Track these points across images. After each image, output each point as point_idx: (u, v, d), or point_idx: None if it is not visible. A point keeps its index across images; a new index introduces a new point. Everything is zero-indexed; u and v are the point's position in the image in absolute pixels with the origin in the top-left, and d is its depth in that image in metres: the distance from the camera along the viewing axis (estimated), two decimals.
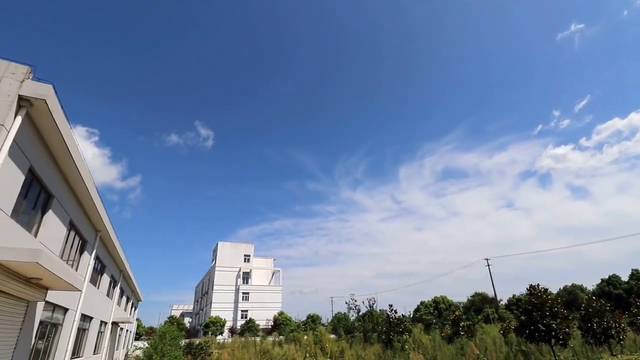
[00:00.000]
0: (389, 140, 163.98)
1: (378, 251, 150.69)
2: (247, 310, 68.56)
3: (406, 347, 19.04)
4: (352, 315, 32.39)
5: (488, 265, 51.28)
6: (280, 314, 60.69)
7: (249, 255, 76.32)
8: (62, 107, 7.38)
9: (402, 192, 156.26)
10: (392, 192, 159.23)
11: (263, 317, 63.28)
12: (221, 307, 67.81)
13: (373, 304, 30.42)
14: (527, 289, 16.13)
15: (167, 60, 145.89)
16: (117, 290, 22.29)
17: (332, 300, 71.07)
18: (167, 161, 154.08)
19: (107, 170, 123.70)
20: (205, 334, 54.08)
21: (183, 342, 21.68)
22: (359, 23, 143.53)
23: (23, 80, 6.52)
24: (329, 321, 42.93)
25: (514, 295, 58.59)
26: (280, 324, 55.83)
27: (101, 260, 16.47)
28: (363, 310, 31.50)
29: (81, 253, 12.98)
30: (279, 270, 78.41)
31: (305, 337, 25.42)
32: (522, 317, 15.61)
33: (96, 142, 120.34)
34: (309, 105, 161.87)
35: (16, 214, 7.19)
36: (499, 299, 55.96)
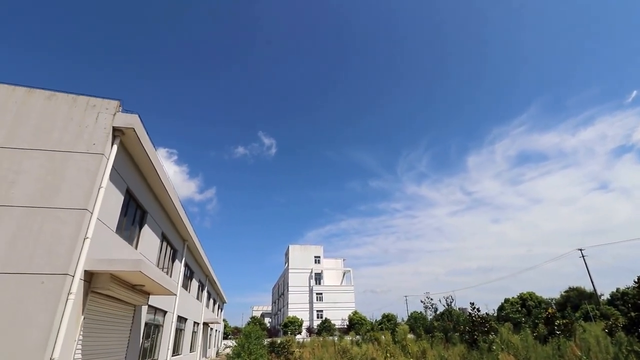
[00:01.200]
0: (452, 129, 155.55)
1: (451, 246, 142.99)
2: (322, 311, 69.88)
3: (494, 347, 17.77)
4: (430, 315, 31.21)
5: (582, 256, 45.62)
6: (355, 313, 60.76)
7: (319, 257, 77.81)
8: (147, 133, 8.33)
9: (472, 183, 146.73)
10: (461, 183, 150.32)
11: (338, 317, 63.93)
12: (297, 307, 70.09)
13: (451, 302, 29.07)
14: (634, 281, 14.11)
15: (228, 77, 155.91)
16: (205, 293, 24.33)
17: (406, 299, 69.39)
18: (237, 172, 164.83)
19: (187, 185, 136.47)
20: (284, 333, 56.41)
21: (266, 341, 22.81)
22: (421, 9, 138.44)
23: (115, 114, 7.48)
24: (405, 320, 41.83)
25: (617, 289, 51.18)
26: (355, 323, 55.90)
27: (190, 266, 18.14)
28: (440, 308, 30.25)
29: (173, 261, 14.45)
30: (350, 270, 78.64)
31: (383, 336, 25.08)
32: (632, 314, 13.64)
33: (175, 160, 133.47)
34: (365, 104, 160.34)
35: (120, 230, 8.27)
36: (599, 293, 49.36)
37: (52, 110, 7.25)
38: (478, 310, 21.28)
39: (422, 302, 31.86)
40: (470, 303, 21.73)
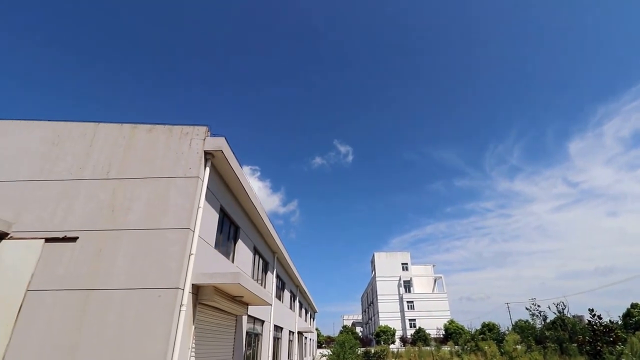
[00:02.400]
0: (546, 114, 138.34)
1: (557, 246, 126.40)
2: (414, 319, 66.98)
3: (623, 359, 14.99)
4: (539, 323, 27.67)
5: None
6: (451, 322, 56.92)
7: (407, 264, 75.11)
8: (234, 153, 8.90)
9: (577, 172, 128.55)
10: (563, 173, 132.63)
11: (432, 326, 60.54)
12: (388, 316, 68.31)
13: (563, 309, 25.48)
14: None
15: (300, 90, 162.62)
16: (297, 303, 25.10)
17: (508, 307, 62.46)
18: (316, 182, 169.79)
19: (271, 199, 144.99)
20: (377, 342, 55.26)
21: (359, 350, 22.50)
22: None
23: (205, 139, 8.12)
24: (510, 330, 37.66)
25: None
26: (452, 333, 52.36)
27: (281, 278, 18.90)
28: (550, 316, 26.65)
29: (265, 273, 15.17)
30: (441, 277, 74.20)
31: (488, 347, 22.85)
32: None
33: (259, 176, 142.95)
34: (444, 100, 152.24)
35: (218, 245, 8.91)
36: None
37: (153, 141, 8.18)
38: (599, 317, 18.28)
39: (527, 309, 28.43)
40: (589, 310, 18.82)
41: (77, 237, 6.83)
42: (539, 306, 27.73)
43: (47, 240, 6.79)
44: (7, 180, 7.70)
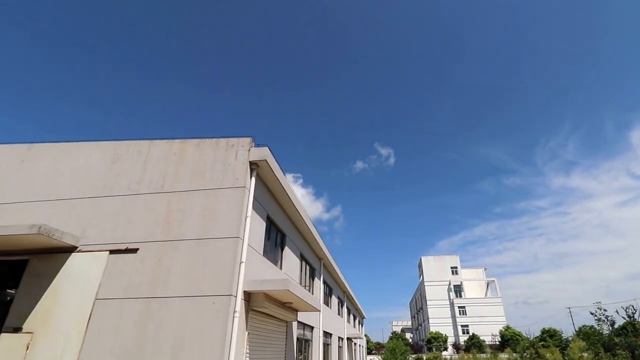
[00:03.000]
0: (603, 102, 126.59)
1: (624, 245, 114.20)
2: (467, 325, 63.82)
3: None
4: (606, 329, 25.24)
5: None
6: (507, 328, 53.41)
7: (456, 267, 71.97)
8: (277, 162, 9.05)
9: None
10: (626, 165, 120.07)
11: (487, 332, 57.23)
12: (439, 322, 65.73)
13: (633, 313, 23.13)
14: None
15: (335, 94, 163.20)
16: (345, 309, 24.91)
17: (569, 311, 57.32)
18: (358, 187, 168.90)
19: (314, 205, 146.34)
20: (429, 349, 53.29)
21: (410, 357, 21.79)
22: None
23: (249, 149, 8.34)
24: (574, 336, 34.64)
25: None
26: (508, 339, 49.13)
27: (328, 284, 18.87)
28: (619, 321, 24.25)
29: (312, 279, 15.22)
30: (494, 280, 70.17)
31: (550, 354, 21.15)
32: None
33: (301, 183, 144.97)
34: (488, 96, 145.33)
35: (266, 253, 9.07)
36: None
37: (201, 154, 8.54)
38: None
39: (592, 314, 25.97)
40: None
41: (138, 249, 7.28)
42: (605, 310, 25.23)
43: (112, 252, 7.31)
44: (74, 198, 8.41)
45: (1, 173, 9.38)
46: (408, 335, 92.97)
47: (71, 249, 7.55)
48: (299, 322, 11.40)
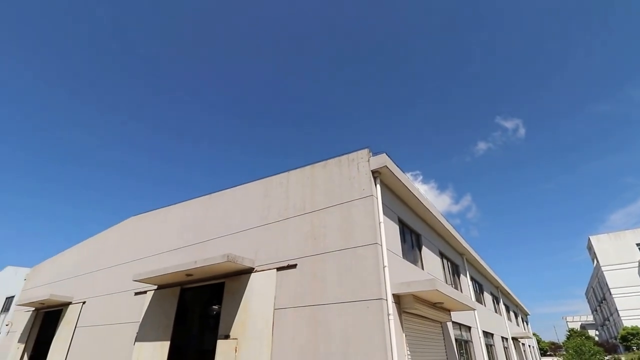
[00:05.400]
0: None
1: None
2: None
3: None
4: None
5: None
6: None
7: None
8: (397, 165, 9.29)
9: None
10: None
11: None
12: (634, 314, 52.83)
13: None
14: None
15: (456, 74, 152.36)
16: (502, 306, 22.71)
17: None
18: (486, 171, 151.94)
19: (441, 199, 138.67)
20: (627, 349, 43.23)
21: (605, 358, 18.29)
22: None
23: (368, 160, 8.82)
24: None
25: None
26: None
27: (476, 279, 17.69)
28: None
29: (458, 276, 14.58)
30: None
31: None
32: None
33: (422, 180, 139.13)
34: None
35: (404, 255, 9.30)
36: None
37: (329, 174, 9.42)
38: None
39: None
40: None
41: (296, 264, 8.50)
42: None
43: (278, 269, 8.75)
44: (245, 230, 10.32)
45: (198, 220, 12.19)
46: (591, 332, 77.42)
47: (250, 270, 9.33)
48: (453, 322, 11.10)
